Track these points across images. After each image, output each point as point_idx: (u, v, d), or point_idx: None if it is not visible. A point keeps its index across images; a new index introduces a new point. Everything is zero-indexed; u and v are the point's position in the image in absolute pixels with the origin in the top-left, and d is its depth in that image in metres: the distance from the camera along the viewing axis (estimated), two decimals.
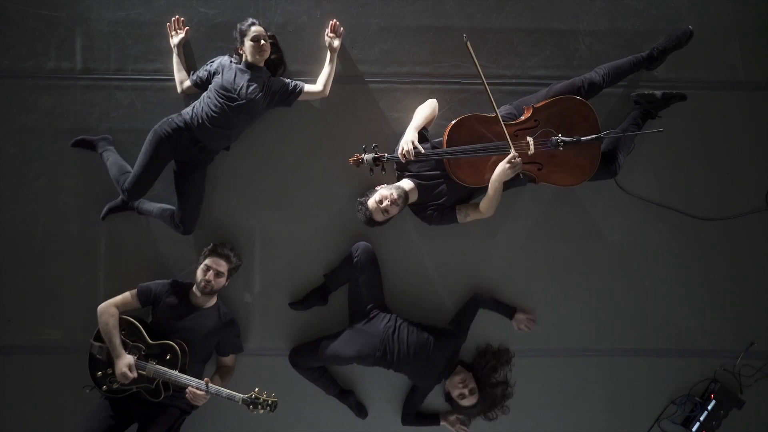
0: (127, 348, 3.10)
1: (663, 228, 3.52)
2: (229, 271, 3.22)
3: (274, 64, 3.28)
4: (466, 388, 3.28)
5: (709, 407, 3.48)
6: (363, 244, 3.33)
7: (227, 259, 3.19)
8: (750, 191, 3.52)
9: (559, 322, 3.52)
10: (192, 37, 3.40)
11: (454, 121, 3.11)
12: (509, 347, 3.48)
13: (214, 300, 3.27)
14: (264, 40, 3.15)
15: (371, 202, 3.14)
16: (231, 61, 3.20)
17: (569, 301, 3.52)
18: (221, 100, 3.12)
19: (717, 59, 3.50)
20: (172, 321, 3.18)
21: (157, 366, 3.08)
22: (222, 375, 3.30)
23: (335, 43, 3.30)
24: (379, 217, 3.15)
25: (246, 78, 3.15)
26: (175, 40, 3.33)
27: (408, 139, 3.09)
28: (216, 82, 3.16)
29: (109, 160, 3.30)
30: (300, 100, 3.30)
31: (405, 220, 3.39)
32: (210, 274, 3.15)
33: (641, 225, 3.51)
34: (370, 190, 3.22)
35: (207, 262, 3.17)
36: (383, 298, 3.39)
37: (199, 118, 3.13)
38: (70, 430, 3.22)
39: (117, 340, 3.07)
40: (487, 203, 3.11)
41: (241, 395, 3.06)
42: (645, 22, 3.48)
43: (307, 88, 3.29)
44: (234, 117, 3.14)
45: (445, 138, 3.12)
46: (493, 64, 3.46)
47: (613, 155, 3.28)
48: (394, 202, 3.10)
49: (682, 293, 3.54)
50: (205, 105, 3.14)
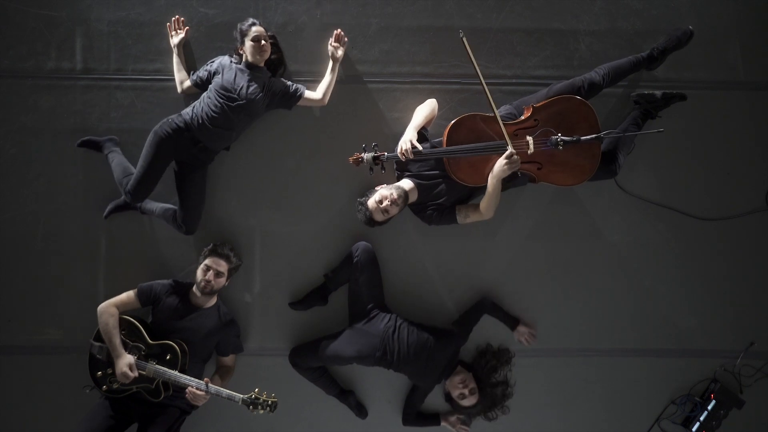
0: (127, 348, 3.10)
1: (663, 228, 3.52)
2: (229, 271, 3.22)
3: (274, 65, 3.28)
4: (466, 388, 3.28)
5: (709, 407, 3.48)
6: (363, 244, 3.33)
7: (227, 259, 3.19)
8: (750, 191, 3.52)
9: (559, 322, 3.52)
10: (192, 37, 3.41)
11: (454, 120, 3.11)
12: (509, 347, 3.48)
13: (214, 300, 3.27)
14: (265, 40, 3.15)
15: (371, 202, 3.14)
16: (231, 61, 3.20)
17: (569, 301, 3.52)
18: (221, 101, 3.12)
19: (717, 59, 3.50)
20: (172, 321, 3.18)
21: (157, 366, 3.08)
22: (222, 375, 3.30)
23: (338, 53, 3.30)
24: (379, 217, 3.15)
25: (246, 78, 3.15)
26: (175, 40, 3.33)
27: (407, 138, 3.09)
28: (216, 82, 3.16)
29: (114, 161, 3.30)
30: (299, 105, 3.31)
31: (405, 220, 3.39)
32: (210, 274, 3.15)
33: (641, 225, 3.51)
34: (370, 190, 3.22)
35: (207, 262, 3.17)
36: (383, 298, 3.39)
37: (199, 119, 3.13)
38: (70, 430, 3.22)
39: (117, 340, 3.07)
40: (486, 202, 3.11)
41: (241, 395, 3.06)
42: (645, 22, 3.48)
43: (307, 94, 3.29)
44: (234, 117, 3.14)
45: (444, 137, 3.12)
46: (493, 64, 3.46)
47: (613, 155, 3.28)
48: (394, 202, 3.10)
49: (682, 293, 3.54)
50: (205, 105, 3.14)
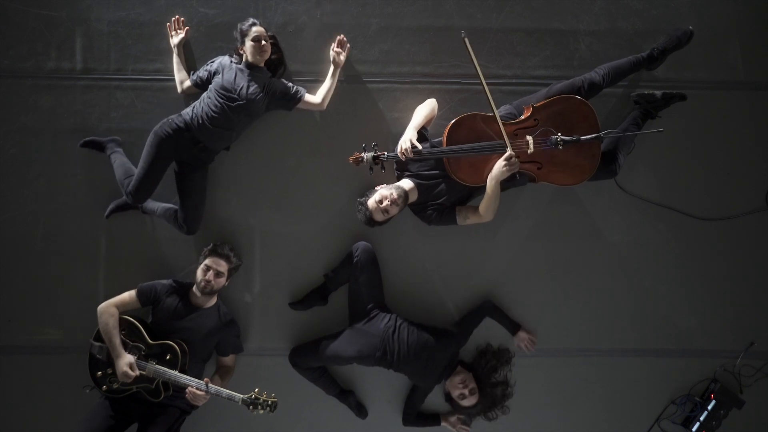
0: (127, 348, 3.10)
1: (663, 228, 3.52)
2: (229, 271, 3.22)
3: (274, 65, 3.28)
4: (466, 388, 3.28)
5: (709, 407, 3.47)
6: (363, 244, 3.33)
7: (227, 259, 3.19)
8: (750, 191, 3.52)
9: (559, 322, 3.52)
10: (192, 37, 3.41)
11: (453, 120, 3.11)
12: (509, 347, 3.48)
13: (214, 300, 3.27)
14: (265, 40, 3.15)
15: (371, 202, 3.14)
16: (231, 62, 3.20)
17: (569, 301, 3.52)
18: (221, 101, 3.11)
19: (717, 59, 3.50)
20: (172, 321, 3.17)
21: (157, 366, 3.08)
22: (222, 375, 3.30)
23: (340, 59, 3.30)
24: (379, 217, 3.15)
25: (246, 78, 3.15)
26: (175, 40, 3.33)
27: (407, 138, 3.09)
28: (216, 82, 3.16)
29: (116, 162, 3.30)
30: (298, 107, 3.31)
31: (405, 220, 3.39)
32: (210, 274, 3.15)
33: (641, 225, 3.51)
34: (370, 190, 3.22)
35: (207, 262, 3.17)
36: (383, 298, 3.39)
37: (200, 119, 3.13)
38: (70, 430, 3.22)
39: (117, 340, 3.07)
40: (485, 204, 3.10)
41: (241, 395, 3.06)
42: (645, 22, 3.48)
43: (307, 97, 3.29)
44: (234, 117, 3.14)
45: (444, 137, 3.12)
46: (493, 64, 3.46)
47: (613, 155, 3.28)
48: (394, 202, 3.10)
49: (682, 293, 3.54)
50: (205, 105, 3.14)
